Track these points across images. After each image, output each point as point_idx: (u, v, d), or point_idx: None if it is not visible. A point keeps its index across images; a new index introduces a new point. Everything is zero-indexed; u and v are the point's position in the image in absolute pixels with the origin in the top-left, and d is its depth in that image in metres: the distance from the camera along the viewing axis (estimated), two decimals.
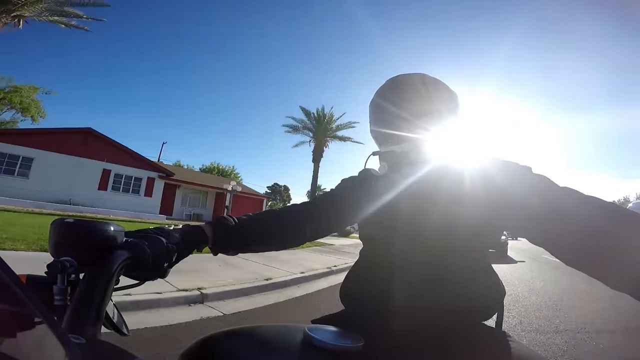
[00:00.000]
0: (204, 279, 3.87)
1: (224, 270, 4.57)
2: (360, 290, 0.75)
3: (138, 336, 2.26)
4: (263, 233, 0.77)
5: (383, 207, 0.75)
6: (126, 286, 0.54)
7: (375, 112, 0.81)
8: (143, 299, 2.89)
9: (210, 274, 4.25)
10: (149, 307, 2.91)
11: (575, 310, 4.28)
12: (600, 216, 0.48)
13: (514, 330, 3.15)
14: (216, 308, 3.21)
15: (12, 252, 3.96)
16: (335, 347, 0.47)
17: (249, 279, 4.28)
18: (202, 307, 3.19)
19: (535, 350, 0.63)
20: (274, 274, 4.81)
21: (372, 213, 0.77)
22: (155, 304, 2.98)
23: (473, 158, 0.73)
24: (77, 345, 0.25)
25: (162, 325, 2.62)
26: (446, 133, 0.74)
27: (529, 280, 6.75)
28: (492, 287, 0.71)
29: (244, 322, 2.94)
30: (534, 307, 4.25)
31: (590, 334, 3.18)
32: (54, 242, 0.45)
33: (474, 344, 0.61)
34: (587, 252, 0.47)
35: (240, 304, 3.45)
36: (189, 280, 3.63)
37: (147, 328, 2.50)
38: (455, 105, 0.77)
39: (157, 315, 2.81)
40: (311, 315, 0.79)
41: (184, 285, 3.43)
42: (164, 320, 2.72)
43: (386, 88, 0.80)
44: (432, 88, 0.76)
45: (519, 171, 0.63)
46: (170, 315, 2.86)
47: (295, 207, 0.82)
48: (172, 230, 0.61)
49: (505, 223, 0.63)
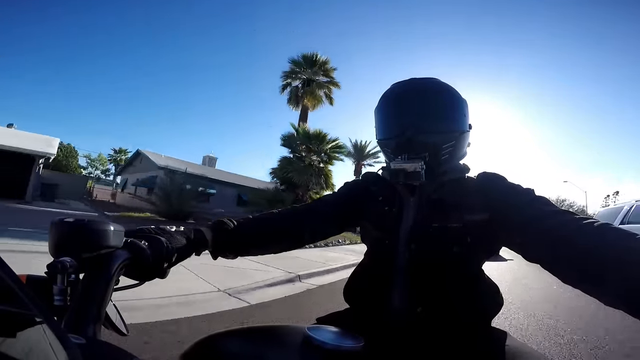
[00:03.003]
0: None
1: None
2: (363, 290, 0.75)
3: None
4: (262, 236, 0.76)
5: (384, 209, 0.75)
6: (126, 286, 0.54)
7: (381, 121, 0.78)
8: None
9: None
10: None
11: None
12: (597, 236, 0.48)
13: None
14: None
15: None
16: (335, 347, 0.47)
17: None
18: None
19: (538, 350, 0.63)
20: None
21: (374, 215, 0.77)
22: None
23: (479, 173, 0.73)
24: (77, 345, 0.25)
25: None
26: (458, 148, 0.73)
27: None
28: (490, 288, 0.72)
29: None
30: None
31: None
32: (54, 242, 0.45)
33: (474, 344, 0.62)
34: (583, 271, 0.48)
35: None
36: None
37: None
38: (468, 116, 0.75)
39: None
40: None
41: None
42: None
43: (396, 94, 0.75)
44: (447, 97, 0.73)
45: (522, 192, 0.64)
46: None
47: (295, 210, 0.81)
48: (173, 231, 0.61)
49: (505, 238, 0.64)
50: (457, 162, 0.75)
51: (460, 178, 0.73)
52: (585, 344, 2.90)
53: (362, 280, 0.77)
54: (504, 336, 0.64)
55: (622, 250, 0.44)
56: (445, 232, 0.65)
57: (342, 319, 0.70)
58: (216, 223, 0.71)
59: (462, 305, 0.65)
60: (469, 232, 0.65)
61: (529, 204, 0.60)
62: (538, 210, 0.58)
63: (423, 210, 0.70)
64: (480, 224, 0.64)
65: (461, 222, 0.65)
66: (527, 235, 0.57)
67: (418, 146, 0.69)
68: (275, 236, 0.77)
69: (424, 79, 0.74)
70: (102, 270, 0.45)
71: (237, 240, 0.71)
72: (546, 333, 3.18)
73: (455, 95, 0.73)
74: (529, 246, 0.57)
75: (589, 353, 2.69)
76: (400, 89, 0.75)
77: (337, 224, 0.83)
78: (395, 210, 0.73)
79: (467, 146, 0.77)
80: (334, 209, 0.82)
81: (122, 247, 0.49)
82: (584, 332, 3.23)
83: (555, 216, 0.55)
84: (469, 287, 0.68)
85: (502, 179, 0.69)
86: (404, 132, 0.69)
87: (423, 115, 0.70)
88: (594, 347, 2.82)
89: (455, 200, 0.67)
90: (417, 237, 0.68)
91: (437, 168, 0.70)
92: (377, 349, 0.56)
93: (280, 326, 0.62)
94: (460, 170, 0.74)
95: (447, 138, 0.70)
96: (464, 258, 0.66)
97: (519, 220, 0.59)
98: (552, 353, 2.65)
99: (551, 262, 0.53)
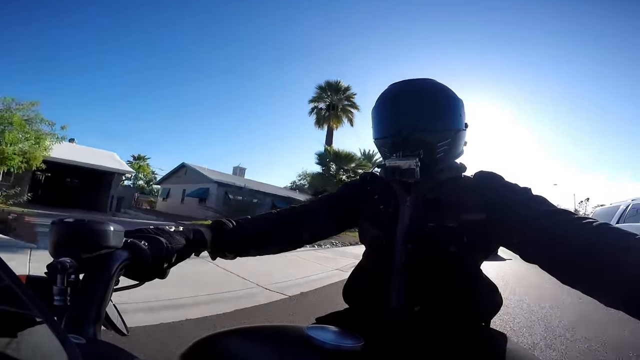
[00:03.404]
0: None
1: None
2: (362, 290, 0.75)
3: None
4: (262, 236, 0.76)
5: (380, 208, 0.75)
6: (126, 287, 0.54)
7: (378, 120, 0.78)
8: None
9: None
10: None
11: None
12: (595, 235, 0.48)
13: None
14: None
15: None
16: (334, 347, 0.47)
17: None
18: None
19: (535, 354, 0.63)
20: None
21: (371, 214, 0.77)
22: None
23: (475, 172, 0.73)
24: (77, 345, 0.25)
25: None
26: (454, 146, 0.73)
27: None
28: (488, 287, 0.72)
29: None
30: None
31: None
32: (54, 242, 0.45)
33: (473, 345, 0.62)
34: (581, 271, 0.48)
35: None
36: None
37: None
38: (464, 115, 0.75)
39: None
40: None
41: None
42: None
43: (393, 95, 0.75)
44: (443, 96, 0.73)
45: (518, 191, 0.64)
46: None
47: (294, 210, 0.82)
48: (173, 231, 0.61)
49: (502, 238, 0.64)
50: (453, 160, 0.75)
51: (457, 177, 0.73)
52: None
53: (360, 280, 0.77)
54: (503, 338, 0.64)
55: (621, 250, 0.44)
56: (442, 231, 0.65)
57: (342, 319, 0.70)
58: (216, 223, 0.71)
59: (460, 305, 0.65)
60: (466, 232, 0.65)
61: (525, 203, 0.60)
62: (535, 209, 0.58)
63: (419, 209, 0.70)
64: (477, 223, 0.64)
65: (458, 222, 0.65)
66: (524, 234, 0.57)
67: (413, 144, 0.69)
68: (275, 236, 0.78)
69: (420, 80, 0.75)
70: (102, 270, 0.45)
71: (237, 241, 0.72)
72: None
73: (451, 94, 0.74)
74: (526, 246, 0.57)
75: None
76: (396, 89, 0.75)
77: (336, 224, 0.83)
78: (392, 210, 0.73)
79: (464, 145, 0.77)
80: (333, 209, 0.82)
81: (122, 248, 0.49)
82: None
83: (553, 216, 0.55)
84: (467, 286, 0.68)
85: (499, 178, 0.69)
86: (400, 131, 0.69)
87: (418, 114, 0.70)
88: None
89: (452, 200, 0.67)
90: (413, 236, 0.68)
91: (433, 166, 0.70)
92: (376, 348, 0.56)
93: (280, 326, 0.62)
94: (456, 169, 0.75)
95: (442, 136, 0.70)
96: (461, 258, 0.66)
97: (516, 220, 0.59)
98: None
99: (548, 262, 0.53)
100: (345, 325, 0.55)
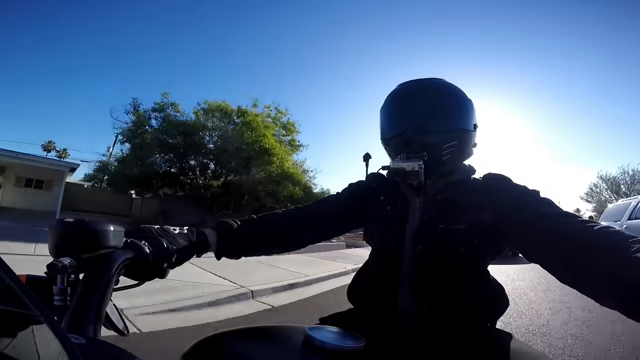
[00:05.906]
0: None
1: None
2: (366, 290, 0.75)
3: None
4: (266, 237, 0.76)
5: (388, 209, 0.75)
6: (126, 286, 0.54)
7: (384, 121, 0.77)
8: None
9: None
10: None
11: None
12: (597, 237, 0.49)
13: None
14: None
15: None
16: (335, 348, 0.47)
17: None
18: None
19: (542, 351, 0.63)
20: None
21: (379, 216, 0.77)
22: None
23: (484, 174, 0.73)
24: (77, 345, 0.25)
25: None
26: (462, 147, 0.72)
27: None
28: (495, 289, 0.72)
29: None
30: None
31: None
32: (54, 242, 0.45)
33: (477, 345, 0.62)
34: (581, 271, 0.48)
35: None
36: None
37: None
38: (473, 116, 0.74)
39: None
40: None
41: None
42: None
43: (398, 95, 0.75)
44: (454, 98, 0.72)
45: (527, 193, 0.64)
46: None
47: (299, 210, 0.81)
48: (176, 232, 0.60)
49: (508, 239, 0.64)
50: (461, 162, 0.74)
51: (466, 179, 0.73)
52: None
53: (366, 281, 0.77)
54: (508, 338, 0.64)
55: (621, 252, 0.44)
56: (452, 233, 0.65)
57: (345, 320, 0.70)
58: (220, 224, 0.71)
59: (468, 306, 0.65)
60: (475, 234, 0.65)
61: (533, 206, 0.60)
62: (542, 211, 0.58)
63: (429, 211, 0.69)
64: (486, 225, 0.64)
65: (468, 224, 0.65)
66: (529, 235, 0.57)
67: (417, 145, 0.68)
68: (279, 237, 0.77)
69: (428, 79, 0.74)
70: (102, 270, 0.45)
71: (241, 241, 0.71)
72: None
73: (459, 94, 0.73)
74: (530, 246, 0.58)
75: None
76: (404, 88, 0.75)
77: (341, 225, 0.83)
78: (401, 211, 0.72)
79: (473, 146, 0.76)
80: (338, 210, 0.81)
81: (122, 248, 0.49)
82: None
83: (558, 218, 0.55)
84: (475, 288, 0.68)
85: (508, 180, 0.69)
86: (405, 132, 0.69)
87: (423, 115, 0.70)
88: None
89: (461, 202, 0.67)
90: (423, 238, 0.68)
91: (439, 168, 0.69)
92: (378, 349, 0.56)
93: (281, 326, 0.62)
94: (465, 171, 0.74)
95: (448, 137, 0.70)
96: (470, 259, 0.66)
97: (523, 221, 0.59)
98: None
99: (550, 262, 0.54)
100: (348, 326, 0.55)
